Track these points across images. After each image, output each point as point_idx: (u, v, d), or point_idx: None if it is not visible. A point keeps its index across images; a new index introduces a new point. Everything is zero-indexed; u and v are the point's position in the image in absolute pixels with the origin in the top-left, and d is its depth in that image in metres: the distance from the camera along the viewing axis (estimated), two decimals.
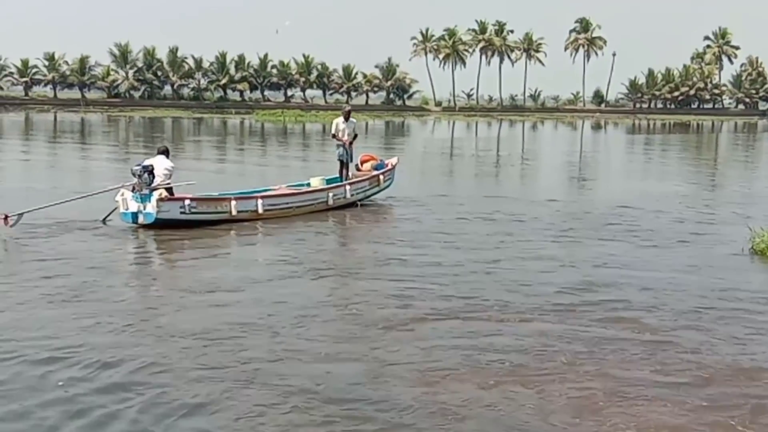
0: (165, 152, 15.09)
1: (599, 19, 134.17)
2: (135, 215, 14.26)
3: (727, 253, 13.12)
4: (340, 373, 7.21)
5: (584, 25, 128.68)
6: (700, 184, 26.50)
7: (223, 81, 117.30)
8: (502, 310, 9.38)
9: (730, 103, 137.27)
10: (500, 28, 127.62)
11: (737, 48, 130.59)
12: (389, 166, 18.96)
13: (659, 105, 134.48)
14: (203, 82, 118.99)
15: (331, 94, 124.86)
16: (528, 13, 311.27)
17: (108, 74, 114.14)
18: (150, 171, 14.35)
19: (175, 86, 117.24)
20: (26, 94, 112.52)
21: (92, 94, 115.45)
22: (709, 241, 14.29)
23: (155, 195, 14.10)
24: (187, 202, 14.43)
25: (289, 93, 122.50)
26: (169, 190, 14.59)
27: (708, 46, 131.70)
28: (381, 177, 18.42)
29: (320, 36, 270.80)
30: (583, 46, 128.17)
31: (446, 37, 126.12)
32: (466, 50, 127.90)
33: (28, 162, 30.76)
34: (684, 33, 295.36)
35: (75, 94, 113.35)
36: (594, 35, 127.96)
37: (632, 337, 8.50)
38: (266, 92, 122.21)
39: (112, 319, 8.64)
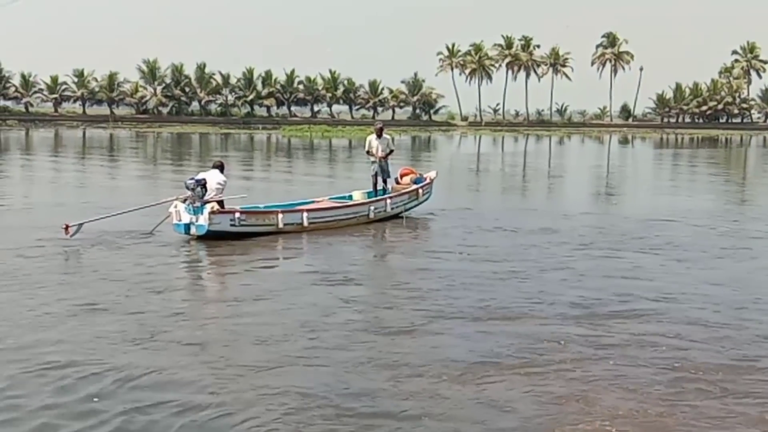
0: (220, 167, 15.57)
1: (626, 34, 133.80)
2: (187, 227, 14.78)
3: (757, 267, 13.05)
4: (342, 377, 7.40)
5: (611, 40, 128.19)
6: (730, 198, 26.31)
7: (251, 97, 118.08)
8: (508, 315, 9.69)
9: (758, 118, 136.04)
10: (526, 42, 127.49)
11: (766, 62, 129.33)
12: (428, 180, 19.32)
13: (687, 120, 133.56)
14: (230, 98, 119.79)
15: (357, 110, 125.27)
16: (554, 28, 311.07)
17: (136, 90, 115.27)
18: (203, 185, 14.84)
19: (202, 102, 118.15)
20: (56, 111, 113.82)
21: (121, 110, 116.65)
22: (738, 256, 14.17)
23: (207, 208, 14.59)
24: (237, 215, 15.02)
25: (316, 108, 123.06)
26: (220, 202, 15.04)
27: (736, 60, 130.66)
28: (420, 191, 18.79)
29: (347, 51, 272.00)
30: (610, 61, 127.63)
31: (472, 52, 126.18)
32: (493, 65, 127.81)
33: (63, 177, 31.10)
34: (712, 47, 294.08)
35: (104, 110, 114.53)
36: (621, 50, 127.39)
37: (632, 340, 8.72)
38: (293, 108, 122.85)
39: (133, 330, 8.78)
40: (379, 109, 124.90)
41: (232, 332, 8.87)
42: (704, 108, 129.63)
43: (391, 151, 18.89)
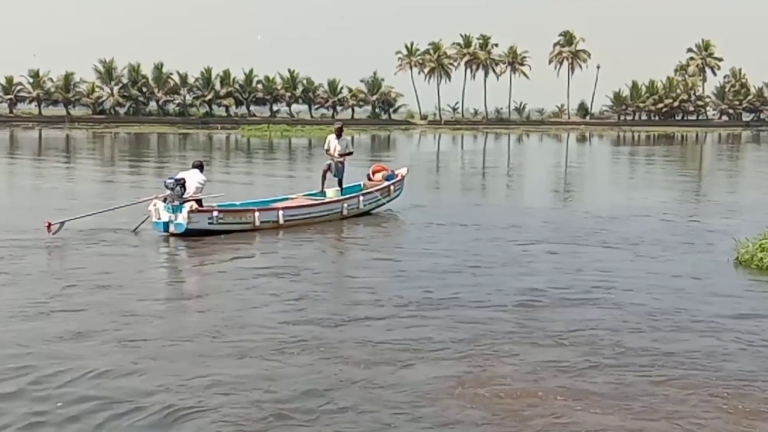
0: (199, 166, 15.87)
1: (583, 32, 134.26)
2: (166, 225, 15.04)
3: (711, 261, 13.24)
4: (272, 369, 7.56)
5: (568, 38, 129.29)
6: (686, 194, 26.66)
7: (209, 96, 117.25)
8: (450, 305, 9.92)
9: (713, 115, 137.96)
10: (485, 41, 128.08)
11: (720, 60, 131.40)
12: (399, 177, 19.62)
13: (643, 117, 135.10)
14: (189, 98, 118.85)
15: (316, 109, 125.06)
16: (512, 27, 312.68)
17: (93, 91, 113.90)
18: (182, 184, 15.09)
19: (160, 102, 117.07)
20: (11, 112, 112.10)
21: (77, 111, 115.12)
22: (694, 251, 14.37)
23: (186, 207, 14.85)
24: (215, 213, 15.37)
25: (275, 108, 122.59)
26: (198, 201, 15.32)
27: (691, 58, 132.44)
28: (391, 187, 19.08)
29: (305, 51, 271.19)
30: (567, 59, 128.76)
31: (431, 51, 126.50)
32: (451, 64, 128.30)
33: (20, 178, 30.69)
34: (667, 45, 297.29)
35: (60, 111, 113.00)
36: (578, 48, 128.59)
37: (562, 324, 9.02)
38: (252, 107, 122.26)
39: (75, 328, 8.79)
40: (339, 108, 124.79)
41: (173, 328, 9.00)
42: (660, 105, 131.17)
43: (350, 152, 18.96)
